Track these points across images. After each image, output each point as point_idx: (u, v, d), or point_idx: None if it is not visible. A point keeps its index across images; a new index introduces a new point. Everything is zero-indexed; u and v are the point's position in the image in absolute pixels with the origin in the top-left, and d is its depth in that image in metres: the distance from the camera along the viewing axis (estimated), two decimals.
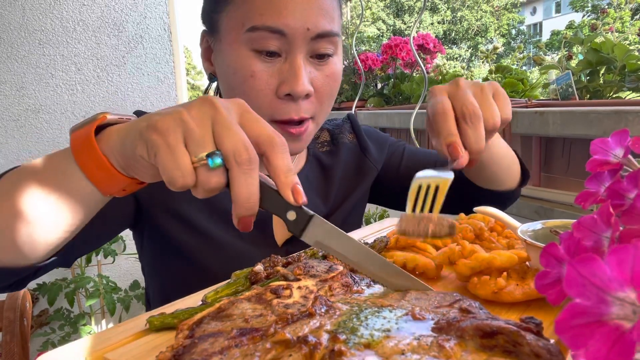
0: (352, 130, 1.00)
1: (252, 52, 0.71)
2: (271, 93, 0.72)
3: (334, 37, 0.74)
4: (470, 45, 22.90)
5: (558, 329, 0.23)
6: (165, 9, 2.41)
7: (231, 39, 0.73)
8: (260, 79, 0.71)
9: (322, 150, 0.96)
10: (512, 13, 23.89)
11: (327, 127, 1.00)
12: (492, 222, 0.71)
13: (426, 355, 0.33)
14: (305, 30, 0.70)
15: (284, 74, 0.72)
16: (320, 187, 0.91)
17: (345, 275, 0.51)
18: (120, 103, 2.38)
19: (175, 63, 2.45)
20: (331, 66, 0.76)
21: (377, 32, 20.37)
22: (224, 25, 0.74)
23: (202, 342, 0.36)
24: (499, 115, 0.62)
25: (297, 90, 0.70)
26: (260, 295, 0.45)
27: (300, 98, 0.72)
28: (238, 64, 0.72)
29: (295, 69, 0.71)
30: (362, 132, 1.00)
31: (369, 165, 0.97)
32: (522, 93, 1.64)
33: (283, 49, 0.71)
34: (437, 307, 0.42)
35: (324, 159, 0.94)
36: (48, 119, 2.29)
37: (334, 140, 0.98)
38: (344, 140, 0.97)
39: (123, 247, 2.11)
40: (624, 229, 0.34)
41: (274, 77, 0.72)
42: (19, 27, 2.20)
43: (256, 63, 0.71)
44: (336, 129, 1.00)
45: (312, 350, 0.34)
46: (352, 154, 0.97)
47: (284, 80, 0.71)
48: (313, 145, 0.96)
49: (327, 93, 0.77)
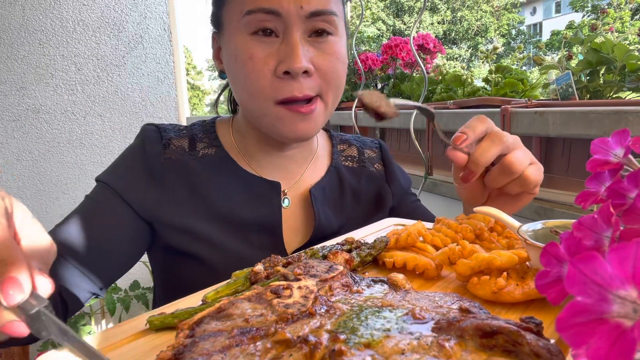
0: (381, 159, 1.00)
1: (250, 36, 0.73)
2: (270, 73, 0.73)
3: (329, 15, 0.74)
4: (470, 45, 22.90)
5: (559, 327, 0.23)
6: (165, 9, 2.41)
7: (232, 28, 0.75)
8: (258, 60, 0.72)
9: (346, 165, 0.95)
10: (512, 13, 23.90)
11: (356, 144, 1.00)
12: (492, 222, 0.71)
13: (426, 355, 0.33)
14: (299, 8, 0.71)
15: (281, 53, 0.72)
16: (336, 200, 0.90)
17: (345, 276, 0.51)
18: (120, 103, 2.38)
19: (175, 63, 2.45)
20: (331, 45, 0.76)
21: (377, 32, 20.36)
22: (226, 19, 0.77)
23: (203, 342, 0.36)
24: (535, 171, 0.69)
25: (295, 67, 0.71)
26: (261, 295, 0.45)
27: (299, 75, 0.72)
28: (238, 49, 0.74)
29: (292, 47, 0.72)
30: (393, 165, 1.00)
31: (390, 197, 0.97)
32: (522, 93, 1.64)
33: (280, 29, 0.73)
34: (437, 307, 0.42)
35: (345, 175, 0.93)
36: (48, 119, 2.29)
37: (360, 160, 0.97)
38: (370, 168, 0.97)
39: None
40: (624, 229, 0.34)
41: (272, 57, 0.73)
42: (19, 27, 2.20)
43: (254, 45, 0.73)
44: (365, 149, 0.99)
45: (313, 349, 0.34)
46: (376, 183, 0.96)
47: (282, 59, 0.72)
48: (337, 157, 0.95)
49: (330, 71, 0.76)
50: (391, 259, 0.61)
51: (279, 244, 0.83)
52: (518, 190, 0.71)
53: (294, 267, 0.53)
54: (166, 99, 2.45)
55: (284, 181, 0.88)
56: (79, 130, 2.34)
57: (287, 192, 0.87)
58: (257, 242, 0.81)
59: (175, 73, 2.45)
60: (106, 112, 2.37)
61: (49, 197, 2.33)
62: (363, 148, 1.00)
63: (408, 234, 0.65)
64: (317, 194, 0.87)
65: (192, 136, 0.86)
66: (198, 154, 0.84)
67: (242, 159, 0.87)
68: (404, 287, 0.50)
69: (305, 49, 0.73)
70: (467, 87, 1.84)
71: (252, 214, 0.81)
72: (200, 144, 0.86)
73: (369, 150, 1.00)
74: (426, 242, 0.67)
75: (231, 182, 0.83)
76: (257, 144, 0.86)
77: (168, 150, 0.82)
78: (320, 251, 0.63)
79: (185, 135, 0.86)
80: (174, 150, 0.83)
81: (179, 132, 0.86)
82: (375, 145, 1.02)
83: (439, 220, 0.74)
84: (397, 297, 0.46)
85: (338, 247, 0.64)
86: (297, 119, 0.75)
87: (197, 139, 0.86)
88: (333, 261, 0.57)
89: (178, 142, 0.84)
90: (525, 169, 0.69)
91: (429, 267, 0.59)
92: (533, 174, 0.69)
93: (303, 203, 0.88)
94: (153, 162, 0.81)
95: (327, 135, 1.01)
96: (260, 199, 0.83)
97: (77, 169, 2.36)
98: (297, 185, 0.89)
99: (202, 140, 0.87)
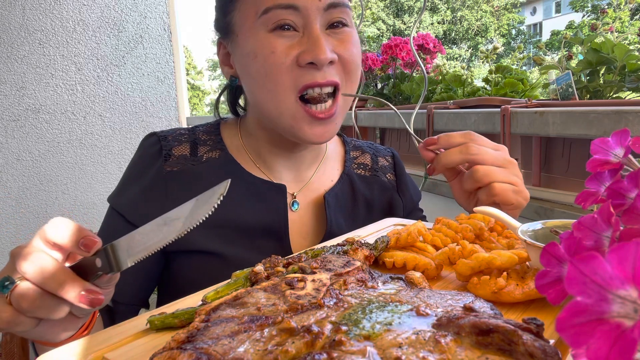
0: (393, 169, 1.00)
1: (270, 33, 0.73)
2: (292, 64, 0.73)
3: (345, 7, 0.76)
4: (470, 45, 22.91)
5: (559, 327, 0.23)
6: (165, 9, 2.41)
7: (247, 29, 0.75)
8: (280, 52, 0.73)
9: (358, 172, 0.95)
10: (512, 13, 23.90)
11: (369, 151, 1.00)
12: (492, 222, 0.71)
13: (422, 349, 0.34)
14: (317, 0, 0.72)
15: (303, 45, 0.73)
16: (349, 208, 0.90)
17: (362, 271, 0.52)
18: (120, 103, 2.38)
19: (175, 63, 2.45)
20: (348, 34, 0.77)
21: (377, 32, 20.38)
22: (238, 22, 0.77)
23: (215, 326, 0.39)
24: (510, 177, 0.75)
25: (321, 58, 0.72)
26: (276, 286, 0.47)
27: (324, 66, 0.73)
28: (257, 46, 0.74)
29: (315, 39, 0.72)
30: (405, 176, 1.01)
31: (401, 208, 0.98)
32: (522, 93, 1.65)
33: (299, 23, 0.73)
34: (447, 305, 0.43)
35: (357, 182, 0.93)
36: (48, 119, 2.29)
37: (372, 168, 0.97)
38: (382, 178, 0.97)
39: None
40: (624, 229, 0.34)
41: (294, 49, 0.73)
42: (19, 27, 2.20)
43: (275, 40, 0.73)
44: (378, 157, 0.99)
45: (314, 339, 0.36)
46: (387, 193, 0.97)
47: (305, 50, 0.73)
48: (350, 164, 0.95)
49: (351, 60, 0.77)
50: (391, 259, 0.61)
51: (286, 247, 0.82)
52: (486, 199, 0.76)
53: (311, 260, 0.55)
54: (166, 99, 2.45)
55: (293, 183, 0.88)
56: (79, 130, 2.34)
57: (296, 195, 0.87)
58: (264, 246, 0.81)
59: (175, 73, 2.46)
60: (106, 112, 2.37)
61: (49, 197, 2.33)
62: (377, 156, 0.99)
63: (408, 234, 0.65)
64: (330, 199, 0.87)
65: (194, 140, 0.86)
66: (202, 159, 0.84)
67: (250, 160, 0.86)
68: (420, 285, 0.50)
69: (327, 41, 0.74)
70: (467, 87, 1.84)
71: (258, 218, 0.81)
72: (204, 147, 0.85)
73: (382, 159, 1.00)
74: (426, 242, 0.67)
75: (236, 186, 0.82)
76: (267, 145, 0.86)
77: (169, 162, 0.82)
78: (323, 251, 0.63)
79: (187, 140, 0.85)
80: (175, 161, 0.82)
81: (180, 138, 0.86)
82: (388, 153, 1.02)
83: (439, 220, 0.74)
84: (410, 294, 0.46)
85: (338, 247, 0.64)
86: (316, 125, 0.76)
87: (199, 143, 0.86)
88: (352, 257, 0.58)
89: (179, 150, 0.84)
90: (494, 182, 0.74)
91: (429, 267, 0.59)
92: (503, 188, 0.74)
93: (313, 207, 0.88)
94: (154, 178, 0.81)
95: (340, 140, 1.01)
96: (266, 203, 0.83)
97: (77, 169, 2.36)
98: (306, 187, 0.88)
99: (206, 144, 0.86)
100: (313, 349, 0.35)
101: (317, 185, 0.89)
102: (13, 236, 2.30)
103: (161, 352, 0.36)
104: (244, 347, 0.35)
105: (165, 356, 0.35)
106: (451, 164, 0.78)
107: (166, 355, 0.35)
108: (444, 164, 0.79)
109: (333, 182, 0.91)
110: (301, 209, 0.86)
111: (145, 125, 2.43)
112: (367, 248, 0.62)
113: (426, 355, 0.32)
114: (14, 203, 2.29)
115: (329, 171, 0.92)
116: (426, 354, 0.33)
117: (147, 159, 0.83)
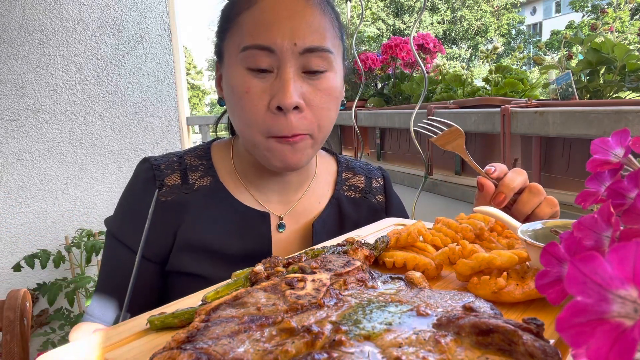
0: (383, 191, 1.00)
1: (246, 71, 0.74)
2: (264, 108, 0.74)
3: (324, 52, 0.75)
4: (470, 45, 22.91)
5: (559, 327, 0.23)
6: (165, 9, 2.41)
7: (231, 61, 0.77)
8: (254, 94, 0.74)
9: (348, 195, 0.95)
10: (512, 13, 23.90)
11: (362, 173, 0.99)
12: (492, 222, 0.71)
13: (422, 349, 0.34)
14: (293, 45, 0.73)
15: (274, 89, 0.74)
16: (335, 232, 0.91)
17: (362, 271, 0.52)
18: (120, 103, 2.38)
19: (175, 63, 2.45)
20: (324, 81, 0.77)
21: (377, 32, 20.37)
22: (227, 51, 0.79)
23: (215, 326, 0.39)
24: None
25: (286, 103, 0.72)
26: (276, 286, 0.47)
27: (289, 111, 0.73)
28: (235, 82, 0.76)
29: (284, 82, 0.73)
30: (393, 197, 1.01)
31: None
32: (522, 93, 1.65)
33: (274, 65, 0.74)
34: (447, 306, 0.43)
35: (345, 206, 0.94)
36: (48, 119, 2.29)
37: (363, 190, 0.97)
38: (372, 200, 0.97)
39: None
40: (624, 229, 0.34)
41: (267, 92, 0.74)
42: (19, 27, 2.21)
43: (250, 80, 0.74)
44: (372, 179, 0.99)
45: (314, 339, 0.36)
46: (376, 215, 0.97)
47: (274, 94, 0.74)
48: (340, 187, 0.95)
49: (322, 107, 0.77)
50: (391, 259, 0.61)
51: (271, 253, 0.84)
52: (548, 211, 0.76)
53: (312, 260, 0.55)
54: (166, 98, 2.45)
55: (280, 205, 0.89)
56: (79, 130, 2.34)
57: (283, 217, 0.88)
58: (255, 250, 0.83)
59: (175, 73, 2.46)
60: (106, 112, 2.37)
61: (49, 197, 2.33)
62: (370, 178, 0.99)
63: (408, 234, 0.65)
64: (318, 227, 0.89)
65: (184, 168, 0.87)
66: (193, 187, 0.85)
67: (240, 184, 0.88)
68: (420, 285, 0.50)
69: (298, 85, 0.74)
70: (467, 86, 1.84)
71: (242, 245, 0.83)
72: (195, 173, 0.87)
73: (375, 181, 1.00)
74: (426, 241, 0.67)
75: (224, 213, 0.84)
76: (254, 168, 0.87)
77: (162, 192, 0.84)
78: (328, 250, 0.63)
79: (177, 169, 0.87)
80: (168, 191, 0.84)
81: (172, 166, 0.87)
82: (380, 175, 1.02)
83: (439, 220, 0.74)
84: (410, 294, 0.46)
85: (338, 247, 0.64)
86: (286, 150, 0.77)
87: (190, 169, 0.87)
88: (352, 256, 0.58)
89: (171, 179, 0.85)
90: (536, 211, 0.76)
91: (429, 267, 0.59)
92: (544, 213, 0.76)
93: (300, 230, 0.89)
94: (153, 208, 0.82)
95: (334, 160, 1.01)
96: (250, 230, 0.84)
97: (77, 169, 2.36)
98: (293, 210, 0.89)
99: (197, 169, 0.87)
100: (313, 349, 0.35)
101: (305, 207, 0.91)
102: (13, 236, 2.30)
103: (161, 352, 0.36)
104: (244, 347, 0.35)
105: (165, 356, 0.35)
106: (517, 187, 0.78)
107: (166, 355, 0.35)
108: (513, 187, 0.78)
109: (321, 205, 0.92)
110: (287, 231, 0.88)
111: (145, 125, 2.43)
112: (367, 248, 0.62)
113: (426, 355, 0.33)
114: (14, 203, 2.29)
115: (319, 192, 0.93)
116: (426, 354, 0.33)
117: (142, 186, 0.85)
